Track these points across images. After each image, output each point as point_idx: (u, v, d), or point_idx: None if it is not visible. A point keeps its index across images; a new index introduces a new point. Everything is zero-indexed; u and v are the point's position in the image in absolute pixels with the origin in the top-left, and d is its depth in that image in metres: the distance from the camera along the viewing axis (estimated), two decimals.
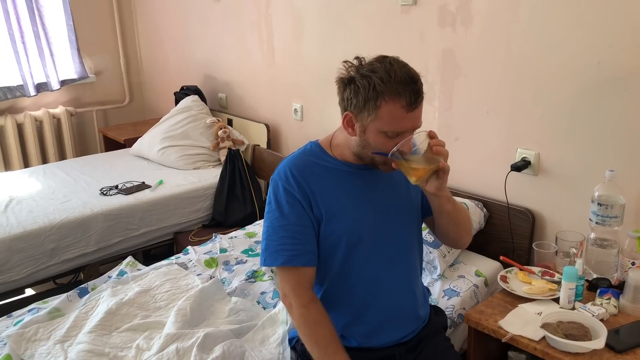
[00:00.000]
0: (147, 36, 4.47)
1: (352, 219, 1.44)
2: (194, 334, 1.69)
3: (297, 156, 1.48)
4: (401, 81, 1.28)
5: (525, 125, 2.11)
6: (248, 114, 3.56)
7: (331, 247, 1.45)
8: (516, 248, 2.17)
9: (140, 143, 3.58)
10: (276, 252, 1.41)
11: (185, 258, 2.31)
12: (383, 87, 1.28)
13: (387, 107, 1.29)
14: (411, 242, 1.55)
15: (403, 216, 1.52)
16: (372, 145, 1.36)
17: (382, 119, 1.31)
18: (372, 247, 1.47)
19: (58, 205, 2.75)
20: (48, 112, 4.05)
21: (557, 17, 1.93)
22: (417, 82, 1.32)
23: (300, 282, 1.41)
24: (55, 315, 1.91)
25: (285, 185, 1.42)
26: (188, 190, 3.03)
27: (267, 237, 1.44)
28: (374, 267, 1.48)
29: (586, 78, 1.90)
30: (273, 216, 1.43)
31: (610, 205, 1.75)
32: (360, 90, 1.31)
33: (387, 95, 1.28)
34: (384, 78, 1.28)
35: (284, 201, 1.42)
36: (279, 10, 3.10)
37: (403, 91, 1.28)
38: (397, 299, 1.53)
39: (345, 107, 1.37)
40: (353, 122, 1.37)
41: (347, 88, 1.35)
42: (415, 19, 2.38)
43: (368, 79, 1.30)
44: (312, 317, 1.39)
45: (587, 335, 1.52)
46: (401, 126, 1.32)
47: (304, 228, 1.42)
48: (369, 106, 1.31)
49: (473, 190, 2.34)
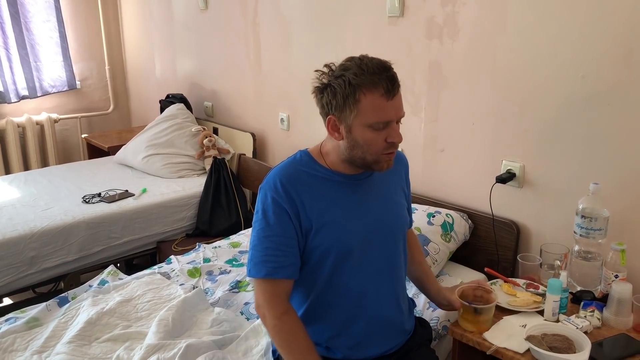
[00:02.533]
0: (133, 43, 4.45)
1: (343, 230, 1.43)
2: (175, 345, 1.66)
3: (286, 165, 1.46)
4: (375, 71, 1.30)
5: (510, 137, 2.12)
6: (234, 123, 3.55)
7: (320, 258, 1.43)
8: (501, 260, 2.17)
9: (124, 151, 3.54)
10: (260, 263, 1.39)
11: (168, 267, 2.28)
12: (358, 79, 1.30)
13: (366, 99, 1.30)
14: (398, 254, 1.55)
15: (392, 228, 1.51)
16: (360, 143, 1.35)
17: (364, 112, 1.32)
18: (361, 259, 1.45)
19: (39, 213, 2.71)
20: (31, 119, 4.00)
21: (543, 31, 1.95)
22: (390, 69, 1.33)
23: (275, 293, 1.39)
24: (34, 325, 1.87)
25: (274, 195, 1.40)
26: (172, 199, 3.01)
27: (253, 247, 1.42)
28: (362, 279, 1.47)
29: (571, 91, 1.92)
30: (259, 226, 1.42)
31: (595, 218, 1.76)
32: (337, 90, 1.32)
33: (364, 87, 1.30)
34: (357, 72, 1.30)
35: (270, 211, 1.40)
36: (267, 20, 3.10)
37: (379, 80, 1.30)
38: (384, 311, 1.51)
39: (327, 112, 1.38)
40: (337, 124, 1.37)
41: (324, 93, 1.36)
42: (402, 31, 2.40)
43: (342, 78, 1.31)
44: (286, 328, 1.38)
45: (571, 348, 1.52)
46: (385, 116, 1.33)
47: (289, 240, 1.40)
48: (349, 103, 1.32)
49: (458, 201, 2.35)
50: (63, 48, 4.11)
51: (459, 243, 2.20)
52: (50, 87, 4.13)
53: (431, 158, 2.40)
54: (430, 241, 2.09)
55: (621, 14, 1.75)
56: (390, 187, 1.54)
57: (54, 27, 4.06)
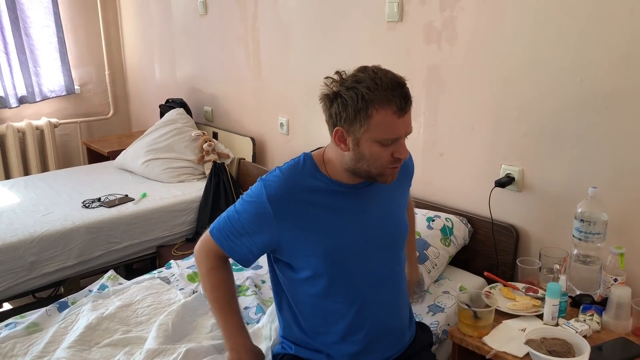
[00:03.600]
0: (133, 48, 4.46)
1: (343, 240, 1.42)
2: (175, 350, 1.66)
3: (290, 173, 1.42)
4: (389, 87, 1.27)
5: (509, 141, 2.13)
6: (234, 128, 3.55)
7: (321, 266, 1.42)
8: (500, 264, 2.18)
9: (124, 155, 3.55)
10: (222, 233, 1.44)
11: (168, 272, 2.28)
12: (372, 95, 1.26)
13: (378, 115, 1.27)
14: (399, 262, 1.54)
15: (392, 236, 1.51)
16: (367, 157, 1.33)
17: (375, 128, 1.29)
18: (361, 268, 1.45)
19: (39, 218, 2.71)
20: (31, 124, 4.01)
21: (541, 35, 1.95)
22: (404, 86, 1.31)
23: (215, 253, 1.48)
24: (33, 330, 1.87)
25: (266, 203, 1.37)
26: (172, 203, 3.01)
27: (228, 217, 1.45)
28: (363, 288, 1.46)
29: (569, 96, 1.92)
30: (243, 209, 1.42)
31: (593, 222, 1.77)
32: (349, 103, 1.28)
33: (377, 104, 1.27)
34: (370, 87, 1.26)
35: (255, 210, 1.39)
36: (266, 24, 3.11)
37: (392, 97, 1.27)
38: (385, 319, 1.51)
39: (335, 123, 1.34)
40: (345, 137, 1.33)
41: (333, 103, 1.32)
42: (401, 36, 2.40)
43: (355, 90, 1.27)
44: (213, 280, 1.49)
45: (570, 352, 1.52)
46: (395, 132, 1.31)
47: (254, 238, 1.41)
48: (360, 117, 1.28)
49: (457, 205, 2.35)
50: (62, 53, 4.12)
51: (458, 247, 2.20)
52: (50, 92, 4.14)
53: (430, 162, 2.41)
54: (430, 245, 2.09)
55: (619, 19, 1.76)
56: (392, 196, 1.53)
57: (53, 32, 4.07)
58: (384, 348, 1.52)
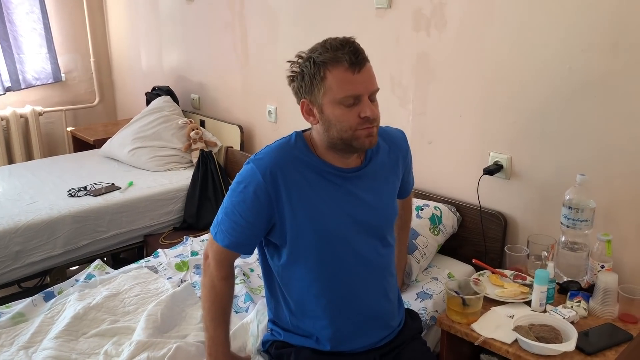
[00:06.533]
0: (119, 35, 4.40)
1: (331, 222, 1.42)
2: (165, 344, 1.65)
3: (281, 148, 1.44)
4: (337, 47, 1.32)
5: (498, 129, 2.13)
6: (221, 116, 3.53)
7: (306, 249, 1.42)
8: (488, 251, 2.18)
9: (110, 144, 3.51)
10: (225, 232, 1.43)
11: (156, 261, 2.27)
12: (322, 57, 1.32)
13: (331, 74, 1.32)
14: (388, 244, 1.55)
15: (380, 221, 1.51)
16: (333, 122, 1.35)
17: (332, 89, 1.32)
18: (348, 252, 1.45)
19: (24, 207, 2.68)
20: (15, 112, 3.95)
21: (530, 23, 1.95)
22: (354, 43, 1.34)
23: (226, 259, 1.47)
24: (19, 321, 1.85)
25: (261, 179, 1.38)
26: (159, 192, 2.98)
27: (225, 214, 1.44)
28: (350, 272, 1.47)
29: (558, 83, 1.92)
30: (237, 198, 1.41)
31: (581, 209, 1.77)
32: (305, 72, 1.35)
33: (329, 64, 1.32)
34: (320, 51, 1.33)
35: (251, 192, 1.39)
36: (254, 11, 3.08)
37: (342, 54, 1.31)
38: (373, 303, 1.52)
39: (300, 97, 1.39)
40: (310, 107, 1.38)
41: (295, 80, 1.38)
42: (389, 23, 2.39)
43: (308, 60, 1.34)
44: (215, 291, 1.48)
45: (558, 338, 1.53)
46: (353, 89, 1.32)
47: (255, 225, 1.41)
48: (316, 82, 1.33)
49: (446, 193, 2.35)
50: (47, 40, 4.05)
51: (447, 236, 2.20)
52: (34, 79, 4.07)
53: (419, 150, 2.40)
54: (419, 234, 2.09)
55: (607, 6, 1.76)
56: (384, 180, 1.53)
57: (37, 19, 3.99)
58: (371, 334, 1.52)
